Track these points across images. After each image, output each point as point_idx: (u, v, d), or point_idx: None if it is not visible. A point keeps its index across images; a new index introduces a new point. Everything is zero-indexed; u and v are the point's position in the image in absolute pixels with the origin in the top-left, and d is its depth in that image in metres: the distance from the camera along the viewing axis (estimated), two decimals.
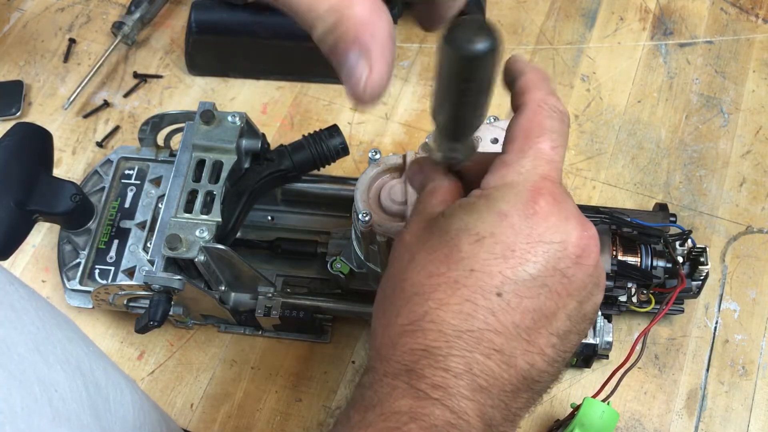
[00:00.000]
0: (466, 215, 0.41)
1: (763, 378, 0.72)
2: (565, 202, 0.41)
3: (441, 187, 0.46)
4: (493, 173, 0.42)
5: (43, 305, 0.41)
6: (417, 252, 0.42)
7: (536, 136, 0.42)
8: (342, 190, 0.74)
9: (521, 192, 0.41)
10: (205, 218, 0.65)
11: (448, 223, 0.42)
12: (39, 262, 0.80)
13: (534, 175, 0.41)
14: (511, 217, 0.40)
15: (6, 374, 0.35)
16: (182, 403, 0.73)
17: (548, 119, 0.42)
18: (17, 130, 0.68)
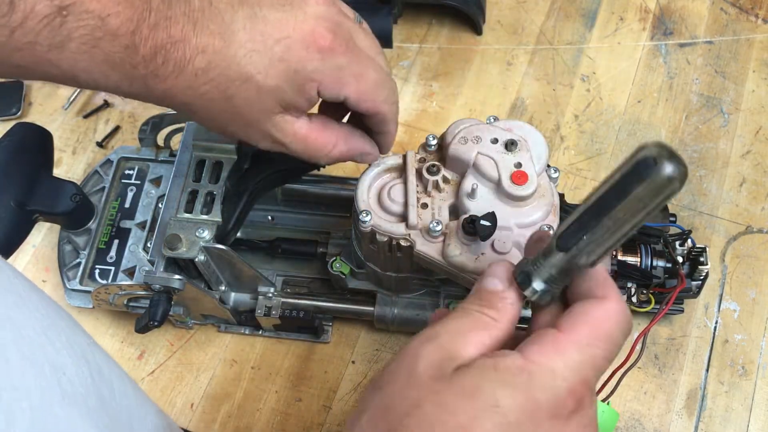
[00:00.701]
0: (500, 388, 0.38)
1: (762, 378, 0.72)
2: (590, 409, 0.40)
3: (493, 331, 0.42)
4: (541, 347, 0.39)
5: (46, 298, 0.42)
6: (426, 400, 0.38)
7: (599, 339, 0.40)
8: (342, 190, 0.74)
9: (559, 388, 0.39)
10: (205, 218, 0.65)
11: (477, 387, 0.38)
12: (39, 262, 0.80)
13: (578, 375, 0.39)
14: (541, 411, 0.38)
15: (19, 354, 0.36)
16: (182, 402, 0.73)
17: (618, 330, 0.41)
18: (17, 131, 0.68)
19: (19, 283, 0.40)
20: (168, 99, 0.49)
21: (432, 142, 0.63)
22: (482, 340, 0.41)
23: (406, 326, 0.71)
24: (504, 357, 0.39)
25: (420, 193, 0.62)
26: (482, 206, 0.59)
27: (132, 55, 0.46)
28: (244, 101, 0.49)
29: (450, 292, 0.69)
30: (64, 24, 0.44)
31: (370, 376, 0.73)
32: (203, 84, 0.48)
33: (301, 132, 0.53)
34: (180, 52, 0.47)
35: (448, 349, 0.40)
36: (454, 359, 0.40)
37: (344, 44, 0.50)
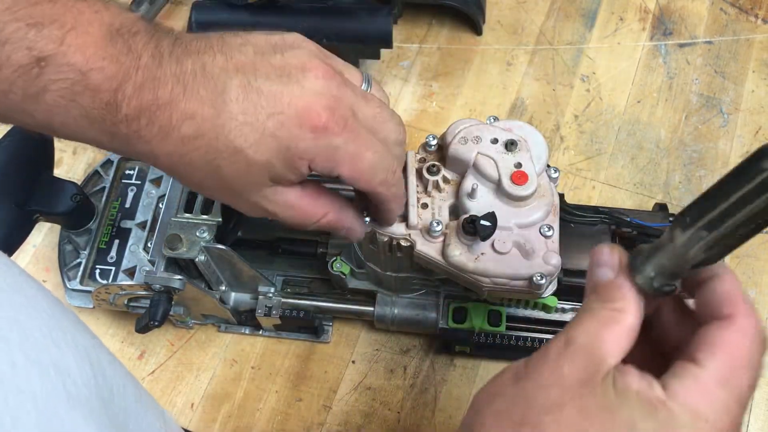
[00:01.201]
0: (640, 416, 0.37)
1: (762, 378, 0.72)
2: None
3: (623, 321, 0.40)
4: (683, 385, 0.38)
5: (51, 297, 0.42)
6: (569, 402, 0.38)
7: (741, 367, 0.38)
8: (342, 190, 0.74)
9: (702, 430, 0.37)
10: (205, 218, 0.65)
11: (619, 406, 0.38)
12: (39, 262, 0.80)
13: (724, 418, 0.38)
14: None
15: (26, 357, 0.36)
16: (183, 402, 0.73)
17: (757, 352, 0.39)
18: (18, 131, 0.68)
19: (25, 283, 0.40)
20: (151, 159, 0.47)
21: (432, 142, 0.63)
22: (618, 337, 0.40)
23: (406, 326, 0.71)
24: (648, 387, 0.38)
25: (420, 193, 0.62)
26: (482, 206, 0.59)
27: (113, 113, 0.44)
28: (232, 173, 0.47)
29: (450, 292, 0.69)
30: (41, 75, 0.42)
31: (370, 376, 0.73)
32: (190, 151, 0.46)
33: (290, 201, 0.51)
34: (166, 116, 0.44)
35: (589, 353, 0.40)
36: (599, 365, 0.39)
37: (342, 123, 0.47)
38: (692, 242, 0.38)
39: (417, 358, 0.73)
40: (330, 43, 0.82)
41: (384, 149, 0.50)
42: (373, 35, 0.82)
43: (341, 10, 0.82)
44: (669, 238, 0.39)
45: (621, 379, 0.39)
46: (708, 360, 0.38)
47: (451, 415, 0.71)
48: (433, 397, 0.72)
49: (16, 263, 0.42)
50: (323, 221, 0.53)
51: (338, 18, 0.82)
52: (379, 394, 0.72)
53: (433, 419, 0.71)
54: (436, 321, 0.69)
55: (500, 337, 0.68)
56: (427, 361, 0.73)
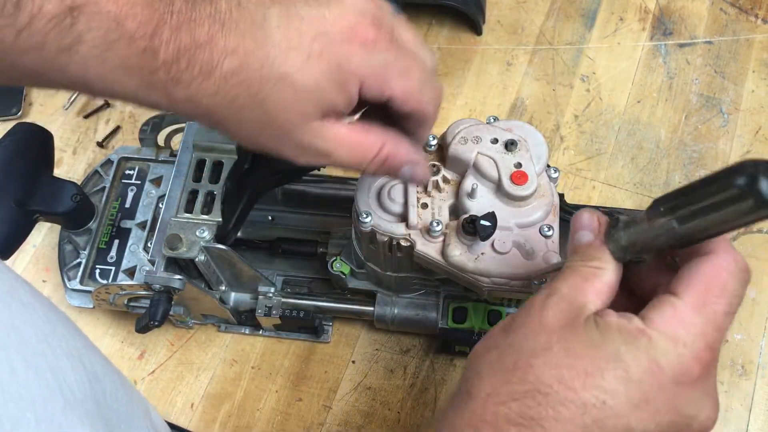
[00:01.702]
0: (623, 345, 0.40)
1: (762, 378, 0.72)
2: (713, 376, 0.41)
3: (602, 277, 0.43)
4: (661, 314, 0.41)
5: (44, 301, 0.42)
6: (556, 343, 0.41)
7: (716, 295, 0.40)
8: (342, 190, 0.74)
9: (684, 355, 0.40)
10: (205, 218, 0.65)
11: (601, 339, 0.40)
12: (39, 261, 0.80)
13: (701, 341, 0.40)
14: (664, 375, 0.40)
15: (24, 363, 0.36)
16: (183, 402, 0.73)
17: (733, 280, 0.41)
18: (18, 131, 0.68)
19: (21, 288, 0.40)
20: (191, 106, 0.45)
21: (432, 142, 0.63)
22: (598, 288, 0.43)
23: (406, 326, 0.71)
24: (627, 321, 0.41)
25: (420, 193, 0.62)
26: (482, 206, 0.59)
27: (151, 59, 0.43)
28: (278, 104, 0.45)
29: (450, 291, 0.69)
30: (75, 25, 0.41)
31: (370, 376, 0.73)
32: (233, 87, 0.44)
33: (342, 135, 0.47)
34: (206, 55, 0.43)
35: (571, 301, 0.42)
36: (580, 310, 0.42)
37: (388, 38, 0.46)
38: (663, 229, 0.40)
39: (417, 358, 0.73)
40: None
41: (429, 67, 0.49)
42: None
43: None
44: (643, 219, 0.41)
45: (601, 319, 0.41)
46: (684, 291, 0.41)
47: None
48: (433, 397, 0.72)
49: (10, 268, 0.42)
50: (382, 154, 0.49)
51: None
52: (379, 394, 0.72)
53: (433, 419, 0.71)
54: (436, 321, 0.69)
55: None
56: (427, 361, 0.73)
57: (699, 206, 0.37)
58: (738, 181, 0.34)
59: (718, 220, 0.37)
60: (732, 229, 0.38)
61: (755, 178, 0.34)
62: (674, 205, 0.39)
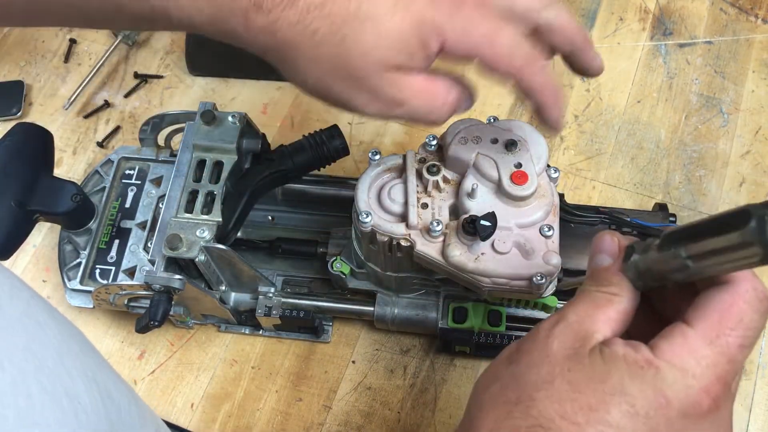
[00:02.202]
0: (628, 377, 0.38)
1: (762, 378, 0.72)
2: (725, 410, 0.39)
3: (616, 304, 0.41)
4: (671, 344, 0.39)
5: (58, 318, 0.41)
6: (558, 376, 0.40)
7: (730, 326, 0.39)
8: (342, 190, 0.74)
9: (692, 387, 0.38)
10: (205, 218, 0.65)
11: (607, 372, 0.39)
12: (39, 261, 0.80)
13: (712, 373, 0.38)
14: (671, 408, 0.38)
15: (40, 387, 0.36)
16: (183, 402, 0.73)
17: (750, 310, 0.39)
18: (18, 131, 0.68)
19: (36, 306, 0.40)
20: (268, 36, 0.44)
21: (432, 142, 0.63)
22: (609, 316, 0.41)
23: (406, 326, 0.71)
24: (634, 350, 0.39)
25: (420, 193, 0.62)
26: (482, 206, 0.59)
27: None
28: (358, 46, 0.43)
29: (450, 291, 0.69)
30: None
31: (370, 376, 0.73)
32: (315, 20, 0.42)
33: (417, 85, 0.47)
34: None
35: (578, 330, 0.41)
36: (586, 339, 0.40)
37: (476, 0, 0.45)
38: (677, 263, 0.39)
39: (417, 358, 0.73)
40: None
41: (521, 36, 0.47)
42: None
43: None
44: (661, 246, 0.40)
45: (607, 348, 0.40)
46: (698, 320, 0.39)
47: (451, 415, 0.71)
48: (433, 397, 0.72)
49: (25, 285, 0.41)
50: (450, 99, 0.49)
51: None
52: (379, 394, 0.72)
53: (433, 419, 0.71)
54: (436, 321, 0.69)
55: (500, 337, 0.68)
56: (427, 361, 0.73)
57: (710, 249, 0.36)
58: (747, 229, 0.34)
59: (728, 262, 0.36)
60: (745, 269, 0.37)
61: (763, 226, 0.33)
62: (688, 242, 0.38)
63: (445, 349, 0.72)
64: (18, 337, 0.37)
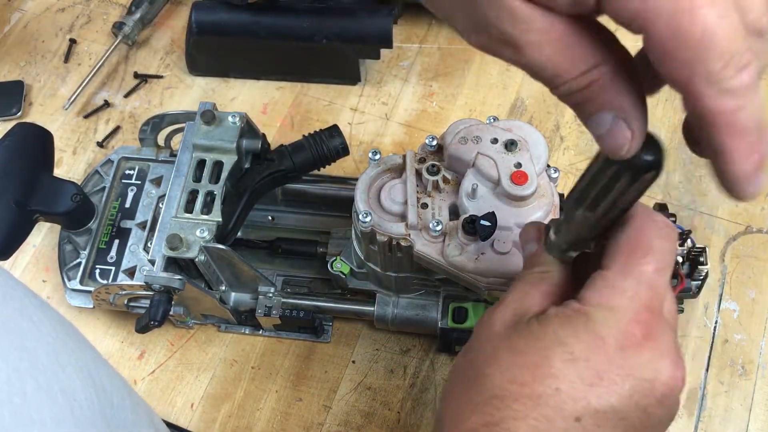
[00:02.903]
0: (561, 328, 0.41)
1: (762, 378, 0.72)
2: (662, 335, 0.41)
3: (548, 280, 0.44)
4: (594, 290, 0.41)
5: (53, 315, 0.41)
6: (501, 348, 0.42)
7: (641, 256, 0.40)
8: (342, 190, 0.74)
9: (621, 320, 0.40)
10: (205, 218, 0.65)
11: (542, 331, 0.41)
12: (39, 261, 0.80)
13: (636, 302, 0.40)
14: (607, 345, 0.40)
15: (36, 385, 0.36)
16: (182, 402, 0.73)
17: (656, 238, 0.41)
18: (18, 131, 0.68)
19: (31, 305, 0.40)
20: None
21: (432, 143, 0.63)
22: (543, 291, 0.44)
23: (406, 326, 0.71)
24: (563, 306, 0.42)
25: (420, 193, 0.62)
26: (482, 206, 0.59)
27: None
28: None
29: (450, 291, 0.69)
30: None
31: (370, 376, 0.73)
32: None
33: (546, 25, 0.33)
34: None
35: (516, 308, 0.44)
36: (524, 314, 0.43)
37: None
38: (580, 221, 0.41)
39: (417, 358, 0.73)
40: (330, 43, 0.83)
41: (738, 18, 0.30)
42: (373, 35, 0.82)
43: (341, 10, 0.82)
44: (566, 217, 0.42)
45: (542, 315, 0.42)
46: (612, 261, 0.41)
47: None
48: (433, 397, 0.72)
49: (19, 282, 0.41)
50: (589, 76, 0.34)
51: (338, 18, 0.82)
52: (379, 394, 0.72)
53: (433, 419, 0.71)
54: (436, 321, 0.69)
55: None
56: (427, 361, 0.73)
57: (596, 191, 0.38)
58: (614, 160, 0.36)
59: (617, 197, 0.38)
60: (636, 199, 0.38)
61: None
62: (578, 198, 0.40)
63: (445, 349, 0.72)
64: (12, 335, 0.37)
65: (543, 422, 0.39)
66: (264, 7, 0.83)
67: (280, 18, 0.83)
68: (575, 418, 0.39)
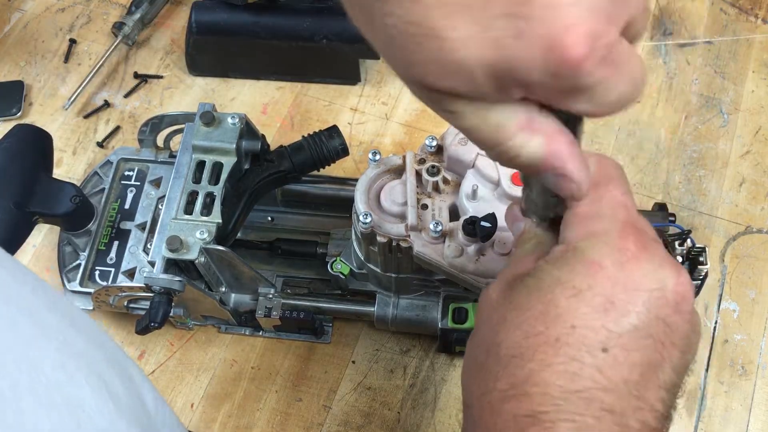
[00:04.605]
0: (556, 270, 0.40)
1: (762, 378, 0.72)
2: (653, 247, 0.40)
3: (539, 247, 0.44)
4: (572, 226, 0.41)
5: (62, 308, 0.39)
6: (507, 311, 0.41)
7: (605, 184, 0.41)
8: (342, 191, 0.74)
9: (610, 240, 0.40)
10: (205, 219, 0.65)
11: (539, 279, 0.41)
12: (39, 262, 0.80)
13: (616, 221, 0.40)
14: (605, 268, 0.39)
15: (35, 399, 0.34)
16: (183, 402, 0.73)
17: (611, 168, 0.42)
18: (17, 132, 0.68)
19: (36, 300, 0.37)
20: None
21: (432, 143, 0.63)
22: (536, 256, 0.43)
23: (406, 327, 0.71)
24: (550, 253, 0.42)
25: (420, 194, 0.62)
26: (482, 207, 0.59)
27: None
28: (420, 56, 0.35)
29: (450, 292, 0.69)
30: None
31: (370, 376, 0.73)
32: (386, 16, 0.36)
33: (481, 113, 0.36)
34: None
35: (510, 276, 0.43)
36: (517, 277, 0.42)
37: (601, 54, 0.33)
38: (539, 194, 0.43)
39: (417, 358, 0.73)
40: (330, 43, 0.83)
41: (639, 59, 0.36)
42: None
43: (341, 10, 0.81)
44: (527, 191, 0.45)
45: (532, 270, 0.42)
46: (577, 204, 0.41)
47: (451, 415, 0.71)
48: (433, 397, 0.72)
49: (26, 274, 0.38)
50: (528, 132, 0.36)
51: (338, 18, 0.82)
52: (379, 394, 0.72)
53: (433, 419, 0.71)
54: (436, 321, 0.69)
55: None
56: (427, 361, 0.73)
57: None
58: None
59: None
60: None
61: None
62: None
63: (445, 349, 0.72)
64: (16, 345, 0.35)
65: (571, 363, 0.38)
66: (264, 7, 0.83)
67: (279, 18, 0.83)
68: (601, 348, 0.38)
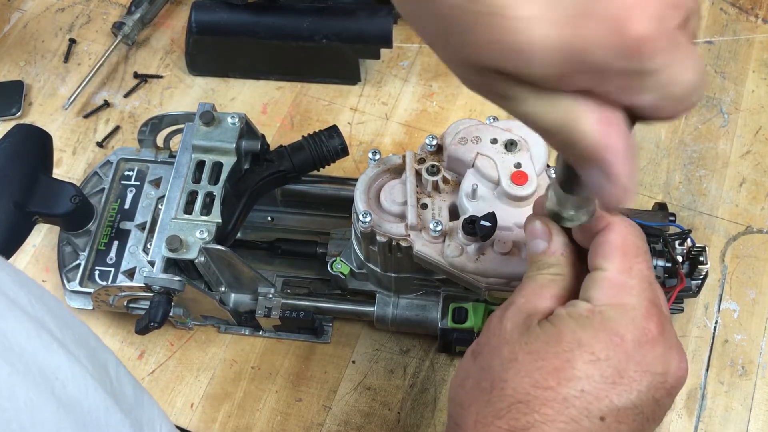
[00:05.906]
0: (580, 329, 0.42)
1: (762, 378, 0.72)
2: (669, 329, 0.43)
3: (560, 283, 0.45)
4: (600, 289, 0.43)
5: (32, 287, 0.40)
6: (520, 352, 0.43)
7: (634, 255, 0.43)
8: (342, 191, 0.74)
9: (636, 317, 0.42)
10: (204, 219, 0.65)
11: (559, 332, 0.42)
12: (39, 262, 0.80)
13: (644, 299, 0.42)
14: (626, 343, 0.41)
15: (9, 369, 0.35)
16: (182, 402, 0.73)
17: (638, 239, 0.44)
18: (17, 132, 0.68)
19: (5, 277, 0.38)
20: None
21: (431, 143, 0.63)
22: (554, 293, 0.45)
23: (406, 326, 0.71)
24: (574, 306, 0.43)
25: (420, 194, 0.62)
26: (482, 206, 0.59)
27: None
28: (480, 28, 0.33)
29: (450, 292, 0.69)
30: None
31: (370, 376, 0.73)
32: None
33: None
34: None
35: (527, 309, 0.44)
36: (534, 315, 0.44)
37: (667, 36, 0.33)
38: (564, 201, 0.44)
39: (417, 358, 0.73)
40: (330, 43, 0.83)
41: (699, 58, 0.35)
42: (373, 35, 0.82)
43: (341, 10, 0.82)
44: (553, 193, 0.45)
45: (552, 315, 0.43)
46: (606, 262, 0.43)
47: None
48: (433, 397, 0.72)
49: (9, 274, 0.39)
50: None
51: (338, 18, 0.82)
52: (379, 394, 0.72)
53: (433, 419, 0.71)
54: (436, 321, 0.69)
55: None
56: (427, 361, 0.73)
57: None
58: None
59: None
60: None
61: None
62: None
63: (445, 349, 0.72)
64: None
65: (571, 424, 0.40)
66: (264, 7, 0.83)
67: (279, 18, 0.83)
68: (600, 417, 0.41)
